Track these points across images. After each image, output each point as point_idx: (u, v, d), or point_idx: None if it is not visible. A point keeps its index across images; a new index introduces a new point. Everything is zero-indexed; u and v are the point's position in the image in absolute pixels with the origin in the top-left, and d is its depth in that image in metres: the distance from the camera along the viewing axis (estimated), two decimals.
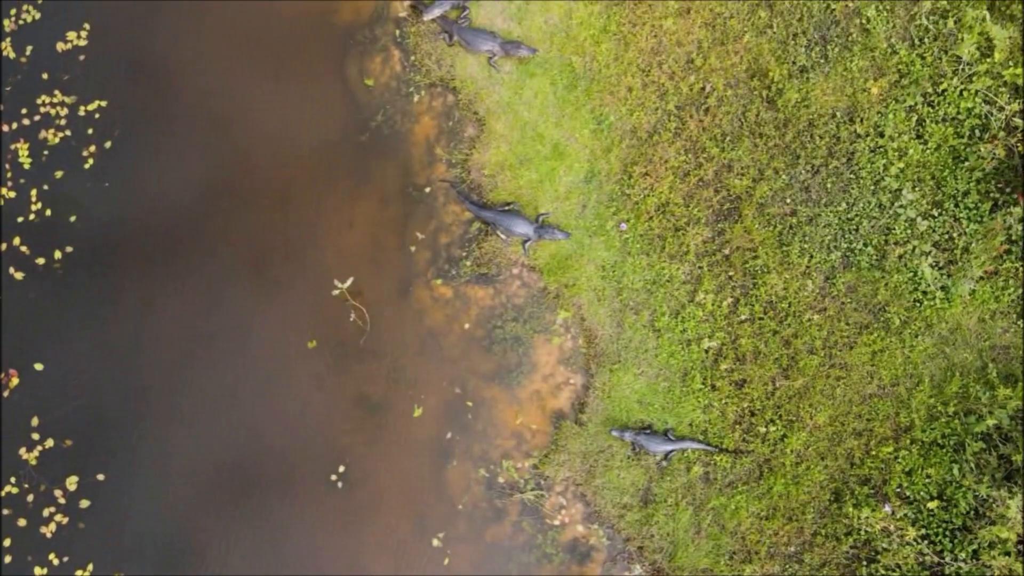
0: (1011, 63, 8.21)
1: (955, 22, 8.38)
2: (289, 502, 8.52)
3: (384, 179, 8.98)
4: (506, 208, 8.48)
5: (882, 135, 8.39)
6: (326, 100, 9.11)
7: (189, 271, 8.71)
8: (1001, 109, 8.23)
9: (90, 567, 8.21)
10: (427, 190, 8.85)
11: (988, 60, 8.30)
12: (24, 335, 8.52)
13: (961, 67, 8.29)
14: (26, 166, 8.76)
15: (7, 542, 8.16)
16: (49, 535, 8.22)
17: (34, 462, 8.32)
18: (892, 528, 7.76)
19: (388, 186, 8.97)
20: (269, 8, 9.22)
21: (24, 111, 8.83)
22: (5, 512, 8.19)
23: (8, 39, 8.85)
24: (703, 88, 8.62)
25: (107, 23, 9.01)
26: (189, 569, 8.35)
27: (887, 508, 7.86)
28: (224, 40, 9.17)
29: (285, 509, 8.43)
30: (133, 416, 8.54)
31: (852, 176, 8.39)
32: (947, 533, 7.75)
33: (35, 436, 8.36)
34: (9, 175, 8.68)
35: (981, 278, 8.12)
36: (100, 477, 8.35)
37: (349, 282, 8.43)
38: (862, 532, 7.96)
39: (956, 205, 8.27)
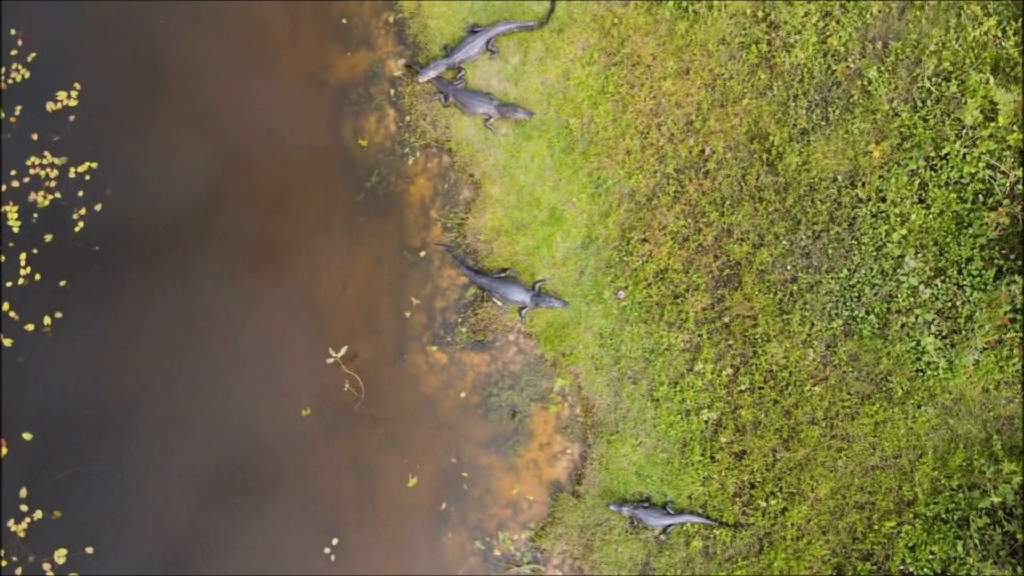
0: (1015, 127, 8.18)
1: (958, 85, 8.34)
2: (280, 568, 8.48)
3: (379, 240, 8.97)
4: (502, 275, 8.45)
5: (884, 200, 8.36)
6: (320, 159, 9.11)
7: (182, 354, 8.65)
8: (1005, 174, 8.20)
9: None
10: (422, 254, 8.82)
11: (992, 124, 8.27)
12: (13, 403, 8.45)
13: (964, 131, 8.26)
14: (15, 229, 8.75)
15: None
16: None
17: (22, 534, 8.28)
18: None
19: (383, 247, 8.96)
20: (264, 66, 9.17)
21: (13, 173, 8.85)
22: None
23: None
24: (702, 151, 8.59)
25: (98, 83, 8.98)
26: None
27: None
28: (217, 99, 9.14)
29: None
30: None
31: (854, 242, 8.36)
32: None
33: (23, 507, 8.30)
34: None
35: (985, 347, 8.07)
36: (89, 550, 8.32)
37: (343, 351, 8.41)
38: None
39: (959, 272, 8.23)
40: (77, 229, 8.77)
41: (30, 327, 8.62)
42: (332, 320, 8.89)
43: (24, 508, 8.38)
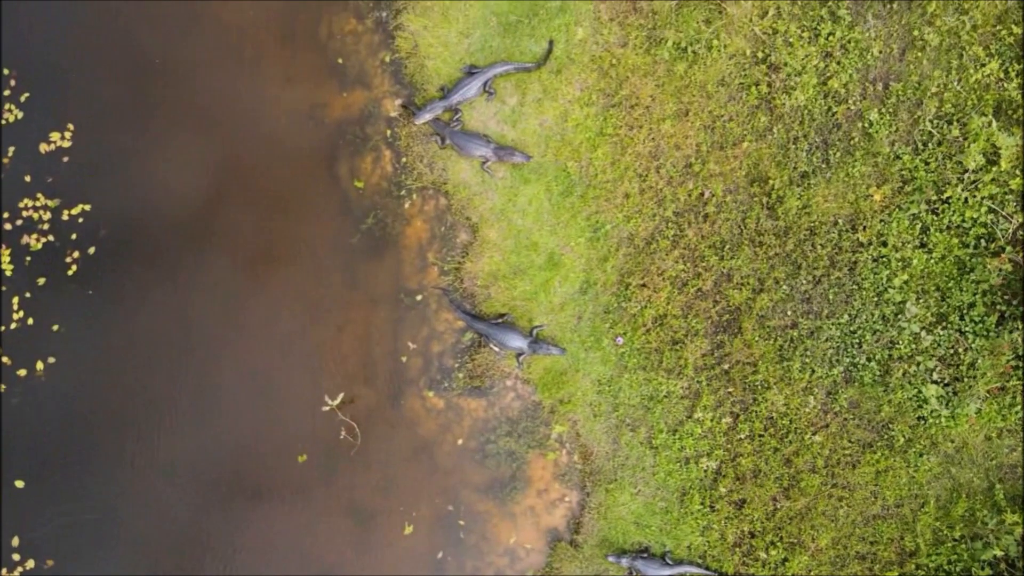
0: (1017, 172, 8.18)
1: (960, 128, 8.34)
2: None
3: (375, 282, 8.98)
4: (499, 321, 8.43)
5: (885, 244, 8.35)
6: (316, 199, 9.10)
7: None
8: (1007, 219, 8.18)
9: None
10: (419, 298, 8.84)
11: (994, 168, 8.25)
12: (6, 447, 8.43)
13: (966, 175, 8.25)
14: (8, 273, 8.77)
15: None
16: None
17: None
18: None
19: (379, 290, 8.97)
20: (259, 103, 9.15)
21: (6, 215, 8.84)
22: None
23: None
24: (702, 194, 8.58)
25: (92, 123, 8.96)
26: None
27: None
28: (211, 138, 9.13)
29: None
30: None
31: (855, 287, 8.36)
32: None
33: (16, 556, 8.28)
34: None
35: (987, 395, 8.05)
36: None
37: (339, 399, 8.40)
38: None
39: (961, 318, 8.23)
40: (70, 273, 8.77)
41: (22, 372, 8.58)
42: (328, 363, 8.90)
43: (16, 557, 8.36)
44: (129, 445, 8.64)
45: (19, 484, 8.47)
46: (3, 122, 8.97)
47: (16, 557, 8.36)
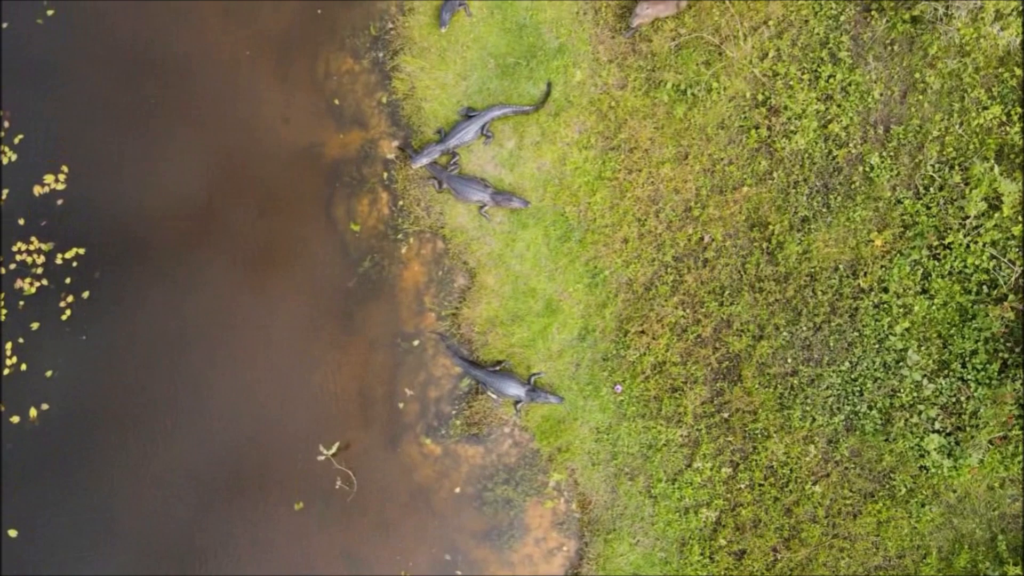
0: (1020, 218, 8.15)
1: (962, 175, 8.30)
2: None
3: (372, 325, 8.98)
4: (497, 368, 8.40)
5: (886, 290, 8.33)
6: (313, 241, 9.07)
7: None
8: (1010, 265, 8.14)
9: None
10: (415, 343, 8.82)
11: (996, 214, 8.22)
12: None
13: (968, 220, 8.22)
14: (1, 318, 8.66)
15: None
16: None
17: None
18: None
19: (377, 332, 8.98)
20: (255, 141, 9.14)
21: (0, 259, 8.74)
22: None
23: None
24: (701, 239, 8.56)
25: (86, 165, 8.92)
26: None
27: None
28: (207, 178, 9.12)
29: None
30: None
31: (856, 334, 8.34)
32: None
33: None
34: None
35: (990, 445, 8.02)
36: None
37: (335, 448, 8.38)
38: None
39: (963, 365, 8.21)
40: (64, 317, 8.73)
41: (15, 419, 8.55)
42: (325, 406, 8.89)
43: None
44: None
45: (12, 533, 8.45)
46: None
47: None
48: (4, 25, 9.01)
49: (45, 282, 8.82)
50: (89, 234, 8.89)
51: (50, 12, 9.10)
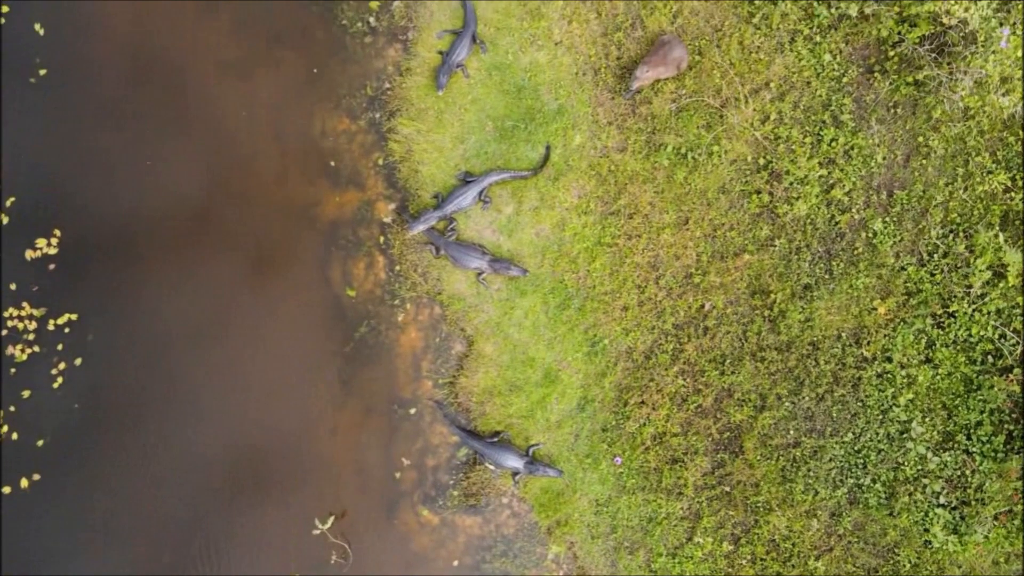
0: None
1: (966, 242, 8.26)
2: None
3: (369, 390, 8.97)
4: (495, 439, 8.36)
5: (890, 360, 8.30)
6: (309, 304, 9.03)
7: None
8: (1016, 334, 8.10)
9: None
10: (412, 411, 8.80)
11: (1001, 283, 8.18)
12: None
13: (972, 289, 8.17)
14: None
15: None
16: None
17: None
18: None
19: (373, 397, 8.96)
20: (249, 199, 9.09)
21: None
22: None
23: None
24: (702, 306, 8.53)
25: (79, 229, 8.88)
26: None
27: None
28: (203, 240, 9.05)
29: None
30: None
31: (859, 405, 8.31)
32: None
33: None
34: None
35: (995, 519, 7.96)
36: None
37: (330, 522, 8.34)
38: None
39: (968, 437, 8.18)
40: (56, 386, 8.68)
41: (7, 490, 8.50)
42: (320, 471, 8.85)
43: None
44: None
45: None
46: None
47: None
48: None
49: (37, 349, 8.77)
50: (81, 300, 8.84)
51: (42, 72, 9.06)
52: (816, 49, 8.62)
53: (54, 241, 8.93)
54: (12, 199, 8.92)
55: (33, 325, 8.83)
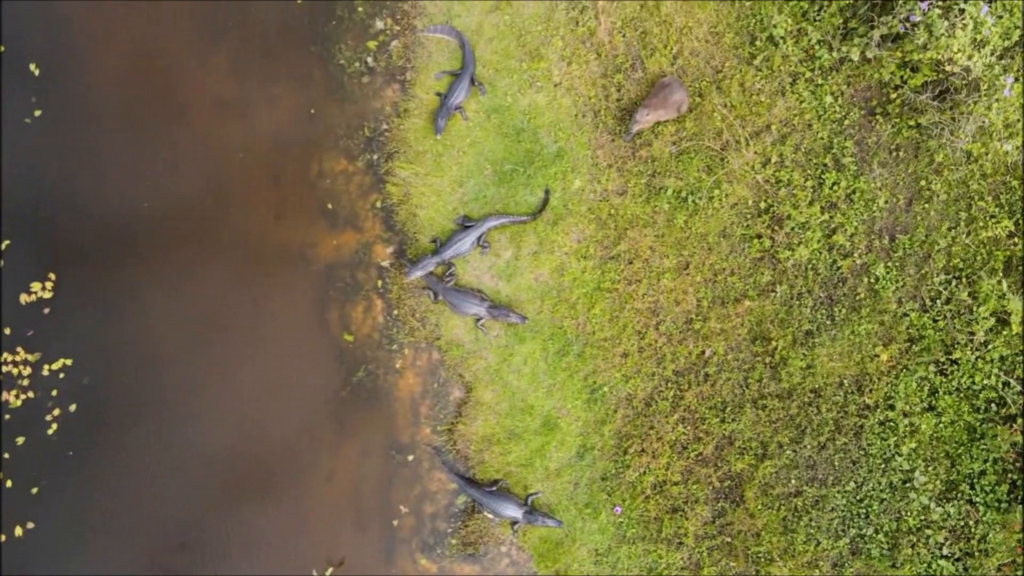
0: None
1: (969, 288, 8.23)
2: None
3: (366, 434, 8.96)
4: (493, 488, 8.32)
5: (892, 408, 8.28)
6: (305, 347, 8.98)
7: None
8: (1020, 380, 8.06)
9: None
10: (410, 458, 8.78)
11: (1005, 331, 8.14)
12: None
13: (975, 337, 8.13)
14: None
15: None
16: None
17: None
18: None
19: (370, 442, 8.96)
20: (248, 241, 9.06)
21: None
22: None
23: None
24: (702, 352, 8.49)
25: (74, 273, 8.81)
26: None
27: None
28: (196, 278, 9.01)
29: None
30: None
31: (861, 453, 8.29)
32: None
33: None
34: None
35: (999, 571, 7.92)
36: None
37: (329, 572, 8.29)
38: None
39: (972, 487, 8.14)
40: (50, 432, 8.64)
41: (2, 538, 8.45)
42: (317, 515, 8.79)
43: None
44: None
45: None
46: None
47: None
48: None
49: (31, 395, 8.73)
50: (77, 345, 8.80)
51: (37, 113, 9.02)
52: (818, 91, 8.59)
53: (49, 285, 8.91)
54: (7, 242, 8.89)
55: (28, 371, 8.79)
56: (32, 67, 8.99)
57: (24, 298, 8.89)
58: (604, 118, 8.79)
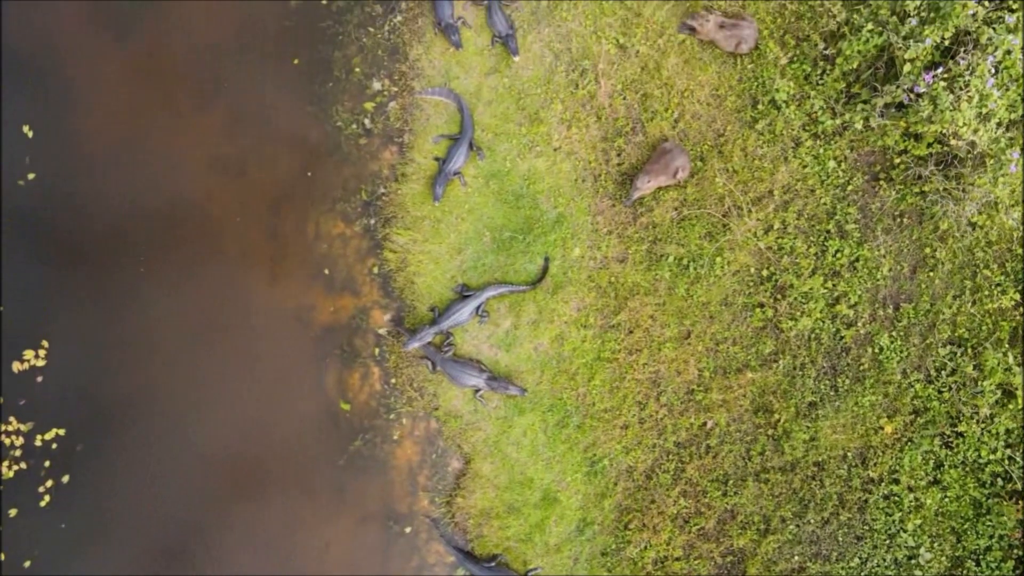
0: None
1: (974, 361, 8.18)
2: None
3: (364, 502, 8.94)
4: (492, 564, 8.26)
5: (897, 482, 8.24)
6: (302, 414, 8.90)
7: None
8: None
9: None
10: (408, 530, 8.71)
11: (1011, 404, 8.08)
12: None
13: (981, 409, 8.08)
14: None
15: None
16: None
17: None
18: None
19: (368, 510, 8.92)
20: (244, 304, 9.00)
21: None
22: None
23: None
24: (704, 424, 8.43)
25: (68, 341, 8.76)
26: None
27: None
28: (187, 338, 8.92)
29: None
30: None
31: (865, 529, 8.25)
32: None
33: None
34: None
35: None
36: None
37: None
38: None
39: (977, 563, 8.13)
40: (43, 504, 8.57)
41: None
42: None
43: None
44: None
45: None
46: None
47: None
48: None
49: (24, 465, 8.67)
50: (70, 415, 8.74)
51: (31, 176, 8.97)
52: (821, 156, 8.55)
53: (42, 353, 8.85)
54: (1, 308, 8.84)
55: (20, 441, 8.74)
56: (25, 129, 8.95)
57: (16, 366, 8.84)
58: (604, 183, 8.74)
